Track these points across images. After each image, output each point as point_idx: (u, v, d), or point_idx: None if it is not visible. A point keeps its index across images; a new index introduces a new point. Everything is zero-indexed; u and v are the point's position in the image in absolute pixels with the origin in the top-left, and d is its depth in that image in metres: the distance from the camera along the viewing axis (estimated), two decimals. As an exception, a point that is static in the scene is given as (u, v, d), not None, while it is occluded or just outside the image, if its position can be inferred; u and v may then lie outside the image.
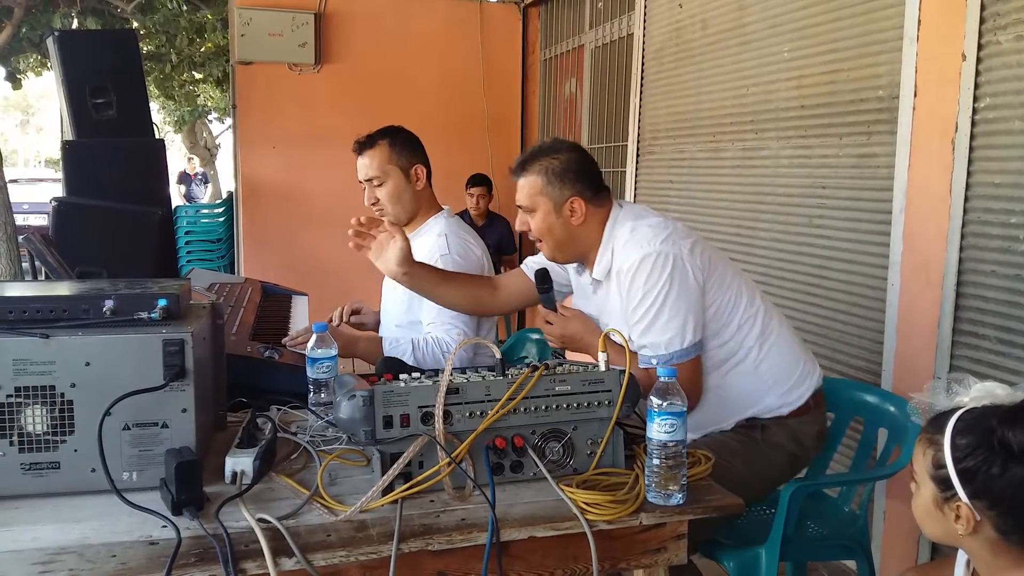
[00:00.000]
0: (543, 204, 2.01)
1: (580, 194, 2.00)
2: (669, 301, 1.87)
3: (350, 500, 1.41)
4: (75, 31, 7.50)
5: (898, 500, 2.62)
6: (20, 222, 7.64)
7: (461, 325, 2.31)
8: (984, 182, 2.34)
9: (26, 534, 1.29)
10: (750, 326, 1.99)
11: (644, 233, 1.94)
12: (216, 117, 17.09)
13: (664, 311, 1.88)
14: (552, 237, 2.03)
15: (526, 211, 2.04)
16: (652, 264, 1.88)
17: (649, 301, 1.88)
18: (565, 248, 2.05)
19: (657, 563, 1.50)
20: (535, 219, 2.02)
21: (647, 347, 1.91)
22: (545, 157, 2.03)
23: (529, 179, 2.02)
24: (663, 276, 1.87)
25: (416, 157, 2.46)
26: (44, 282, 2.33)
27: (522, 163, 2.05)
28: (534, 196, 2.02)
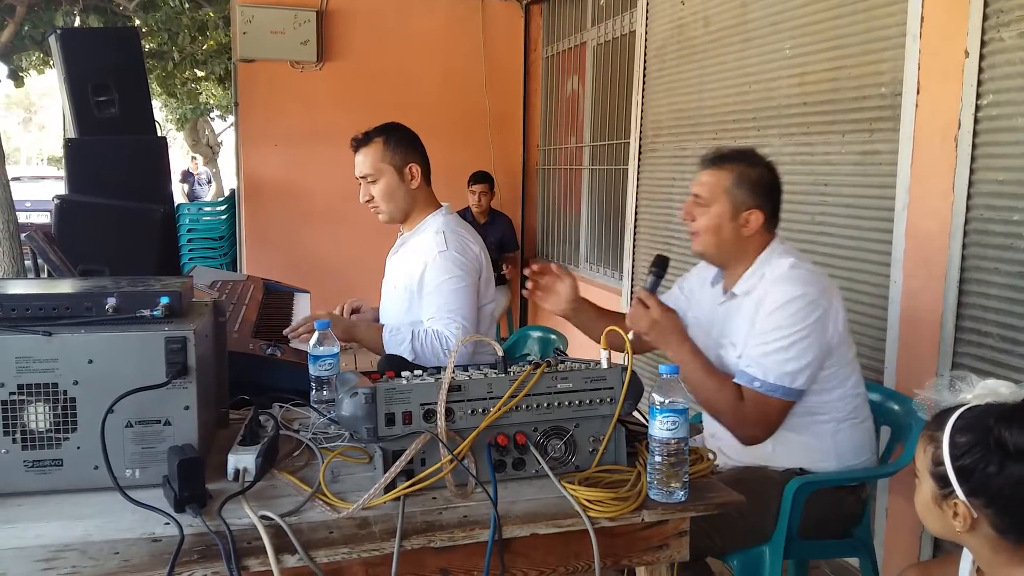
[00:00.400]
0: (723, 202, 2.02)
1: (761, 208, 2.02)
2: (802, 344, 1.91)
3: (352, 497, 1.41)
4: (77, 29, 7.51)
5: (901, 497, 2.62)
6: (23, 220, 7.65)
7: (460, 320, 2.31)
8: (987, 179, 2.33)
9: (29, 531, 1.29)
10: (846, 403, 2.04)
11: (804, 276, 1.98)
12: (218, 115, 17.11)
13: (793, 348, 1.91)
14: (717, 236, 2.04)
15: (701, 203, 2.04)
16: (803, 304, 1.92)
17: (784, 332, 1.91)
18: (722, 251, 2.06)
19: (659, 560, 1.50)
20: (708, 212, 2.03)
21: (758, 367, 1.92)
22: (743, 162, 2.04)
23: (719, 175, 2.03)
24: (807, 320, 1.92)
25: (411, 156, 2.44)
26: (47, 280, 2.34)
27: (719, 158, 2.06)
28: (717, 192, 2.02)
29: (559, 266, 2.23)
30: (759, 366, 1.92)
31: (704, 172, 2.06)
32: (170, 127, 18.04)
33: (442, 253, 2.35)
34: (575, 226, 5.79)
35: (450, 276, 2.34)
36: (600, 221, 5.41)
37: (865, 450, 2.08)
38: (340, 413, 1.47)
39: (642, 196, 4.45)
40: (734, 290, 2.07)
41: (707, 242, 2.06)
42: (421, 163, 2.46)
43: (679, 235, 4.05)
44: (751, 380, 1.92)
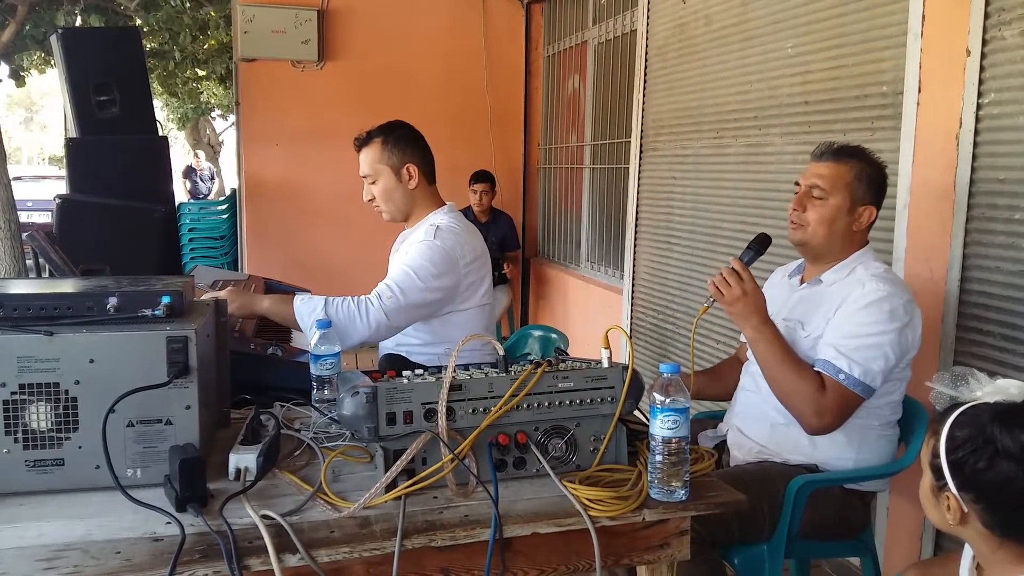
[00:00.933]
0: (843, 196, 2.01)
1: (875, 206, 2.04)
2: (888, 346, 1.92)
3: (353, 497, 1.41)
4: (79, 29, 7.51)
5: (902, 497, 2.62)
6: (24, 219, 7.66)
7: (396, 291, 2.23)
8: (988, 178, 2.33)
9: (31, 531, 1.30)
10: (885, 413, 2.05)
11: (898, 281, 2.02)
12: (219, 114, 17.12)
13: (880, 348, 1.91)
14: (830, 229, 2.03)
15: (818, 194, 2.02)
16: (896, 307, 1.93)
17: (876, 329, 1.92)
18: (829, 244, 2.05)
19: (660, 559, 1.50)
20: (827, 204, 2.02)
21: (845, 359, 1.91)
22: (863, 158, 2.04)
23: (840, 168, 2.02)
24: (898, 322, 1.93)
25: (409, 156, 2.42)
26: (48, 279, 2.34)
27: (840, 151, 2.05)
28: (839, 185, 2.01)
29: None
30: (846, 359, 1.91)
31: (822, 164, 2.04)
32: (171, 127, 18.04)
33: (425, 242, 2.32)
34: (576, 225, 5.79)
35: (416, 263, 2.28)
36: (601, 220, 5.41)
37: (884, 462, 2.08)
38: (341, 412, 1.47)
39: (643, 195, 4.45)
40: (820, 277, 2.07)
41: (818, 233, 2.04)
42: (421, 163, 2.44)
43: (680, 234, 4.05)
44: (836, 371, 1.91)
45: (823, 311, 2.02)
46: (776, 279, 2.31)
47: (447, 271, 2.32)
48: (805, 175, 2.07)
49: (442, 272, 2.30)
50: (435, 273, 2.29)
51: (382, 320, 2.21)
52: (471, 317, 2.42)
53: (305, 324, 2.21)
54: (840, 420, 1.94)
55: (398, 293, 2.24)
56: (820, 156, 2.06)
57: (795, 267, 2.24)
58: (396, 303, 2.23)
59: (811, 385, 1.91)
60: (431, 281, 2.28)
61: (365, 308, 2.21)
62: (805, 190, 2.04)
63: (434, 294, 2.31)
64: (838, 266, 2.06)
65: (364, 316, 2.20)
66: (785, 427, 2.02)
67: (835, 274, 2.06)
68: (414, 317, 2.32)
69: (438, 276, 2.30)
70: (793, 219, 2.07)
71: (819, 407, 1.91)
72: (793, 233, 2.08)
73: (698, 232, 3.87)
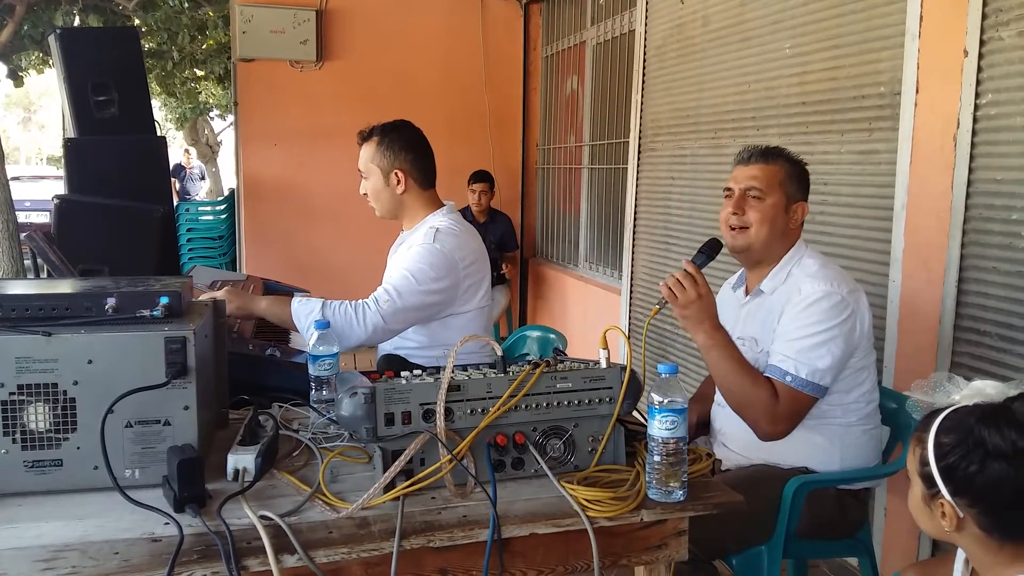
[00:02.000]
0: (778, 195, 2.04)
1: (806, 202, 2.09)
2: (832, 342, 1.92)
3: (352, 497, 1.41)
4: (77, 28, 7.50)
5: (899, 497, 2.62)
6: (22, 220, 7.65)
7: (393, 295, 2.23)
8: (986, 179, 2.33)
9: (29, 531, 1.30)
10: (859, 407, 2.06)
11: (835, 275, 2.01)
12: (218, 114, 17.09)
13: (824, 346, 1.92)
14: (771, 229, 2.04)
15: (756, 195, 2.04)
16: (835, 303, 1.94)
17: (816, 329, 1.93)
18: (770, 244, 2.06)
19: (658, 560, 1.50)
20: (765, 203, 2.03)
21: (790, 362, 1.92)
22: (787, 157, 2.08)
23: (772, 168, 2.05)
24: (838, 318, 1.93)
25: (399, 161, 2.40)
26: (46, 280, 2.34)
27: (767, 152, 2.08)
28: (773, 184, 2.04)
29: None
30: (791, 361, 1.92)
31: (753, 167, 2.06)
32: (169, 126, 18.03)
33: (424, 245, 2.32)
34: (574, 225, 5.79)
35: (414, 266, 2.28)
36: (599, 220, 5.41)
37: (871, 458, 2.08)
38: (339, 413, 1.47)
39: (641, 195, 4.45)
40: (760, 287, 2.08)
41: (760, 235, 2.04)
42: (412, 168, 2.41)
43: (678, 234, 4.05)
44: (783, 375, 1.92)
45: (769, 323, 2.02)
46: (725, 294, 2.29)
47: (445, 274, 2.31)
48: (736, 179, 2.07)
49: (440, 275, 2.30)
50: (433, 276, 2.28)
51: (379, 323, 2.21)
52: (469, 319, 2.42)
53: (302, 326, 2.21)
54: (793, 424, 1.94)
55: (395, 296, 2.24)
56: (748, 160, 2.08)
57: (737, 278, 2.24)
58: (393, 306, 2.23)
59: (765, 392, 1.92)
60: (429, 284, 2.28)
61: (362, 311, 2.21)
62: (741, 193, 2.05)
63: (432, 297, 2.30)
64: (775, 270, 2.07)
65: (361, 319, 2.20)
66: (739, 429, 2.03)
67: (772, 281, 2.06)
68: (411, 320, 2.31)
69: (436, 279, 2.29)
70: (733, 223, 2.05)
71: (773, 414, 1.91)
72: (736, 238, 2.06)
73: (696, 232, 3.87)
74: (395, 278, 2.28)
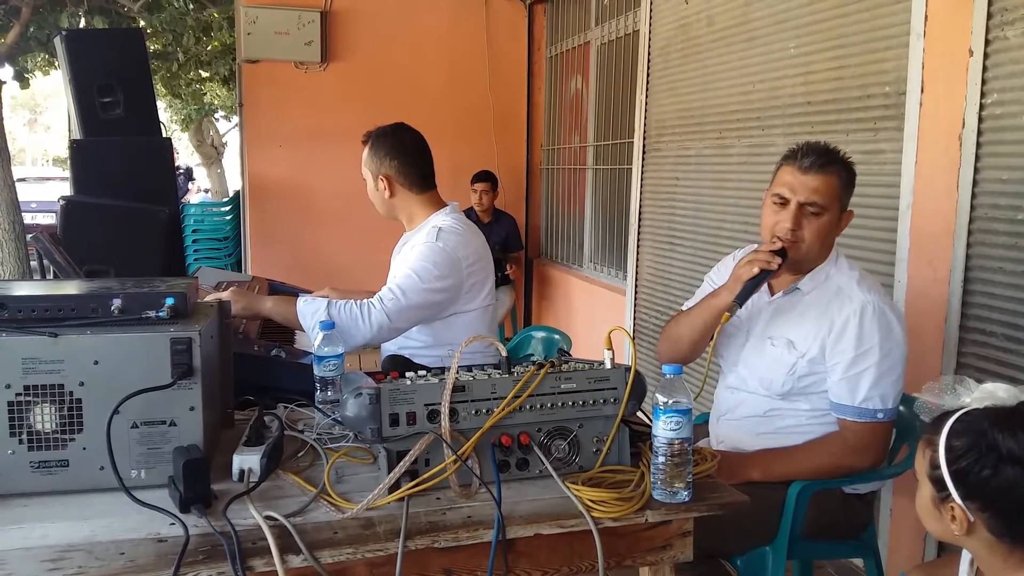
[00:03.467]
0: (835, 209, 1.93)
1: (851, 210, 1.98)
2: (897, 360, 1.91)
3: (357, 498, 1.42)
4: (82, 30, 7.52)
5: (905, 498, 2.62)
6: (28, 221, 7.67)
7: (397, 295, 2.24)
8: (991, 178, 2.33)
9: (35, 532, 1.30)
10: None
11: (875, 285, 1.96)
12: (223, 115, 17.12)
13: (894, 370, 1.90)
14: (824, 242, 1.94)
15: (816, 209, 1.90)
16: (891, 321, 1.90)
17: (882, 353, 1.88)
18: (820, 254, 1.97)
19: (663, 560, 1.50)
20: (822, 219, 1.90)
21: (875, 400, 1.89)
22: (842, 162, 1.94)
23: (830, 180, 1.90)
24: (894, 333, 1.90)
25: (384, 167, 2.42)
26: (52, 281, 2.34)
27: (826, 159, 1.91)
28: (832, 198, 1.91)
29: None
30: (879, 397, 1.89)
31: (813, 176, 1.89)
32: (175, 128, 18.06)
33: (427, 244, 2.33)
34: (579, 226, 5.79)
35: (418, 265, 2.28)
36: (604, 221, 5.41)
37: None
38: (344, 413, 1.47)
39: (646, 196, 4.45)
40: (798, 285, 1.98)
41: (811, 251, 1.93)
42: (399, 174, 2.42)
43: (683, 235, 4.05)
44: (874, 414, 1.89)
45: (809, 327, 1.95)
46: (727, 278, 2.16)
47: (449, 272, 2.32)
48: (792, 188, 1.90)
49: (444, 274, 2.31)
50: (437, 275, 2.29)
51: (384, 321, 2.22)
52: (474, 318, 2.43)
53: (308, 325, 2.22)
54: (884, 450, 1.96)
55: (399, 295, 2.25)
56: (808, 167, 1.90)
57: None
58: (398, 304, 2.24)
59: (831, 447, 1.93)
60: (433, 283, 2.29)
61: (367, 310, 2.22)
62: (798, 207, 1.90)
63: (436, 295, 2.31)
64: (815, 271, 1.99)
65: (366, 318, 2.21)
66: (772, 436, 2.02)
67: (812, 281, 1.99)
68: (416, 319, 2.32)
69: (440, 277, 2.30)
70: (787, 237, 1.91)
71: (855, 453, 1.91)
72: (791, 253, 1.93)
73: (700, 233, 3.87)
74: (399, 277, 2.29)
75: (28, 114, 35.17)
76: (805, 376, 1.96)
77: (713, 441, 2.16)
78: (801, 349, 1.95)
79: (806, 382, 1.96)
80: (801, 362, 1.95)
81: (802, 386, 1.97)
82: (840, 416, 1.93)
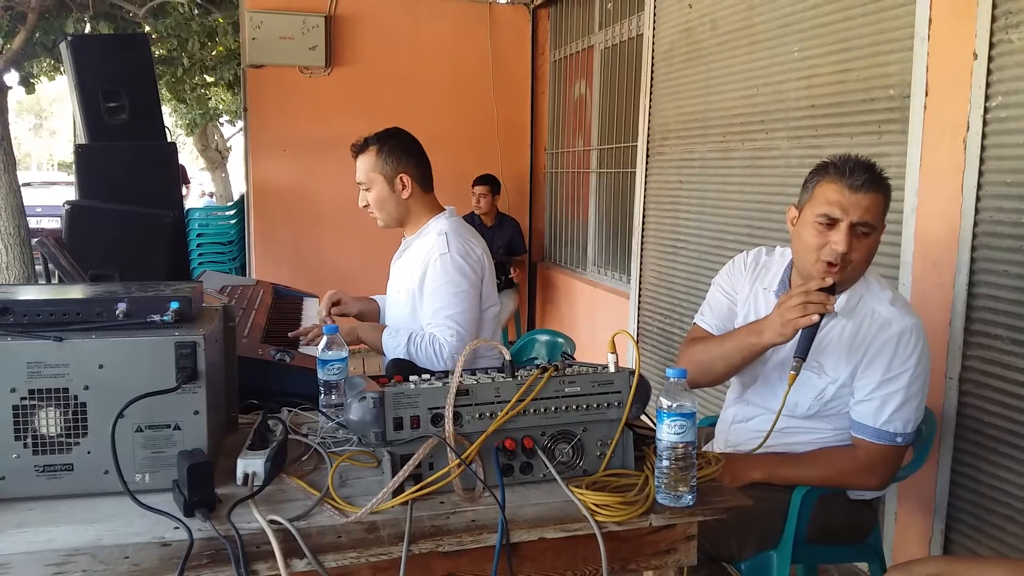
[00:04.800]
0: (882, 229, 1.86)
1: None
2: (923, 384, 1.89)
3: (361, 501, 1.42)
4: (88, 35, 7.55)
5: (909, 502, 2.61)
6: (33, 225, 7.69)
7: (456, 325, 2.34)
8: (996, 181, 2.32)
9: (40, 535, 1.30)
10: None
11: (908, 305, 1.93)
12: (227, 120, 17.16)
13: (920, 394, 1.89)
14: (868, 263, 1.87)
15: (867, 229, 1.81)
16: (924, 344, 1.87)
17: (912, 378, 1.86)
18: (859, 278, 1.91)
19: (667, 564, 1.50)
20: (871, 240, 1.83)
21: (896, 423, 1.88)
22: (886, 183, 1.84)
23: (879, 198, 1.81)
24: (924, 359, 1.88)
25: (403, 166, 2.45)
26: (57, 285, 2.35)
27: (877, 176, 1.82)
28: (882, 218, 1.83)
29: None
30: (902, 421, 1.87)
31: (865, 195, 1.78)
32: (179, 132, 18.11)
33: (443, 255, 2.36)
34: (583, 230, 5.79)
35: (448, 280, 2.35)
36: (608, 225, 5.41)
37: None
38: (348, 417, 1.47)
39: (650, 199, 4.45)
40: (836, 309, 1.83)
41: (857, 273, 1.87)
42: (416, 172, 2.46)
43: (687, 238, 4.05)
44: (893, 438, 1.88)
45: (841, 351, 1.89)
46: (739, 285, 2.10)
47: (470, 269, 2.39)
48: (843, 208, 1.78)
49: (465, 274, 2.38)
50: (467, 285, 2.38)
51: (456, 352, 2.31)
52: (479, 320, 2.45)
53: (389, 355, 2.36)
54: (892, 473, 1.95)
55: (457, 326, 2.34)
56: (861, 187, 1.78)
57: (776, 283, 2.02)
58: (461, 337, 2.33)
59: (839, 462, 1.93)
60: (470, 290, 2.38)
61: (440, 348, 2.32)
62: (850, 227, 1.79)
63: (475, 296, 2.41)
64: (849, 292, 1.91)
65: (440, 355, 2.32)
66: (783, 449, 2.01)
67: (846, 304, 1.91)
68: (476, 327, 2.43)
69: (467, 277, 2.38)
70: (837, 261, 1.80)
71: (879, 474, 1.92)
72: (835, 275, 1.82)
73: (704, 236, 3.87)
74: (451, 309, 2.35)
75: (34, 119, 35.28)
76: (832, 401, 1.94)
77: (720, 444, 2.15)
78: (832, 375, 1.92)
79: (832, 406, 1.95)
80: (831, 387, 1.92)
81: (827, 409, 1.95)
82: (857, 435, 1.92)
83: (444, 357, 2.32)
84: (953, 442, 2.46)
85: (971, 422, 2.41)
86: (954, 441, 2.46)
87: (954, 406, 2.44)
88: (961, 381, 2.43)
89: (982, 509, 2.37)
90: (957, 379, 2.43)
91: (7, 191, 6.47)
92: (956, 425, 2.44)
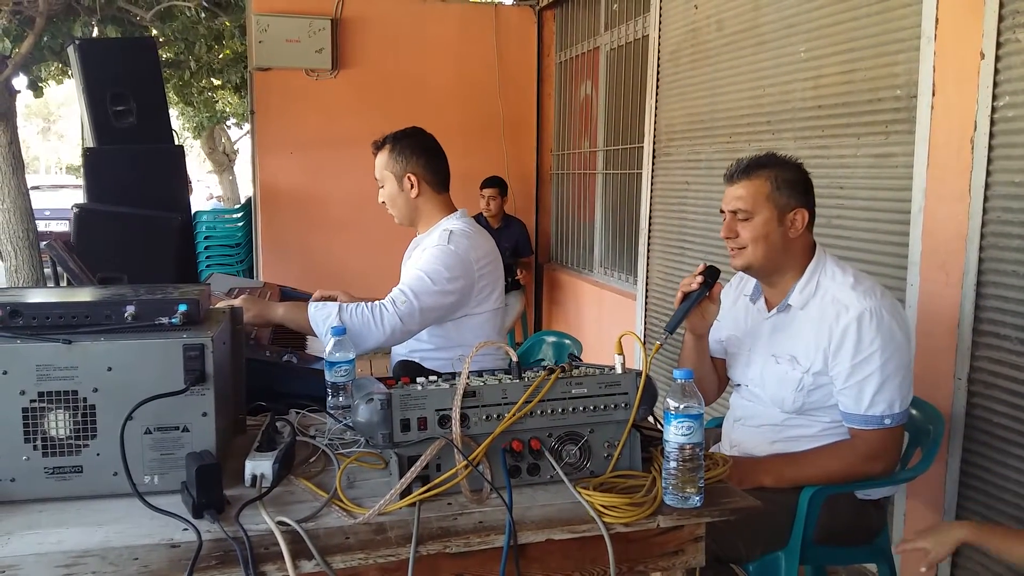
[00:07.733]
0: (767, 209, 1.97)
1: (805, 207, 1.99)
2: (900, 363, 1.91)
3: (368, 503, 1.42)
4: (95, 39, 7.58)
5: (919, 502, 2.60)
6: (42, 228, 7.73)
7: (411, 298, 2.25)
8: (1004, 181, 2.31)
9: (50, 537, 1.31)
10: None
11: (872, 287, 1.95)
12: (234, 123, 17.21)
13: (898, 374, 1.90)
14: (766, 244, 1.97)
15: (743, 216, 1.98)
16: (890, 325, 1.89)
17: (883, 359, 1.88)
18: (773, 258, 1.99)
19: (675, 565, 1.50)
20: (752, 223, 1.97)
21: (881, 406, 1.89)
22: (774, 166, 2.00)
23: (755, 184, 1.98)
24: (895, 337, 1.90)
25: (411, 166, 2.44)
26: (66, 288, 2.36)
27: (747, 167, 2.00)
28: (759, 201, 1.97)
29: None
30: (885, 403, 1.89)
31: (737, 185, 1.99)
32: (187, 135, 18.15)
33: (438, 246, 2.35)
34: (589, 231, 5.79)
35: (429, 267, 2.30)
36: (614, 226, 5.40)
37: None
38: (356, 419, 1.47)
39: (656, 200, 4.45)
40: (788, 301, 2.01)
41: (756, 253, 1.98)
42: (425, 172, 2.46)
43: (693, 239, 4.04)
44: (880, 420, 1.89)
45: (809, 340, 1.96)
46: (739, 302, 2.21)
47: (460, 274, 2.33)
48: (725, 201, 2.02)
49: (455, 275, 2.32)
50: (448, 277, 2.30)
51: (396, 324, 2.23)
52: (484, 321, 2.44)
53: (320, 330, 2.22)
54: (896, 455, 1.96)
55: (412, 297, 2.26)
56: (732, 178, 2.01)
57: (752, 288, 2.15)
58: (410, 307, 2.25)
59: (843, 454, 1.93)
60: (445, 284, 2.30)
61: (380, 313, 2.23)
62: (730, 216, 2.00)
63: (448, 297, 2.32)
64: (801, 283, 2.00)
65: (379, 321, 2.22)
66: (786, 444, 2.01)
67: (802, 294, 1.99)
68: (428, 321, 2.32)
69: (452, 279, 2.31)
70: (731, 246, 2.02)
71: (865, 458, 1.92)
72: (735, 260, 2.03)
73: (711, 237, 3.87)
74: (411, 279, 2.30)
75: (42, 122, 35.45)
76: (814, 390, 1.96)
77: (726, 444, 2.15)
78: (805, 364, 1.96)
79: (816, 396, 1.96)
80: (807, 377, 1.95)
81: (813, 401, 1.96)
82: (850, 425, 1.93)
83: (382, 323, 2.21)
84: (962, 443, 2.45)
85: (980, 423, 2.40)
86: (963, 442, 2.45)
87: (963, 407, 2.43)
88: (970, 382, 2.42)
89: (991, 510, 2.36)
90: (966, 380, 2.42)
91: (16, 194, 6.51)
92: (965, 426, 2.43)
